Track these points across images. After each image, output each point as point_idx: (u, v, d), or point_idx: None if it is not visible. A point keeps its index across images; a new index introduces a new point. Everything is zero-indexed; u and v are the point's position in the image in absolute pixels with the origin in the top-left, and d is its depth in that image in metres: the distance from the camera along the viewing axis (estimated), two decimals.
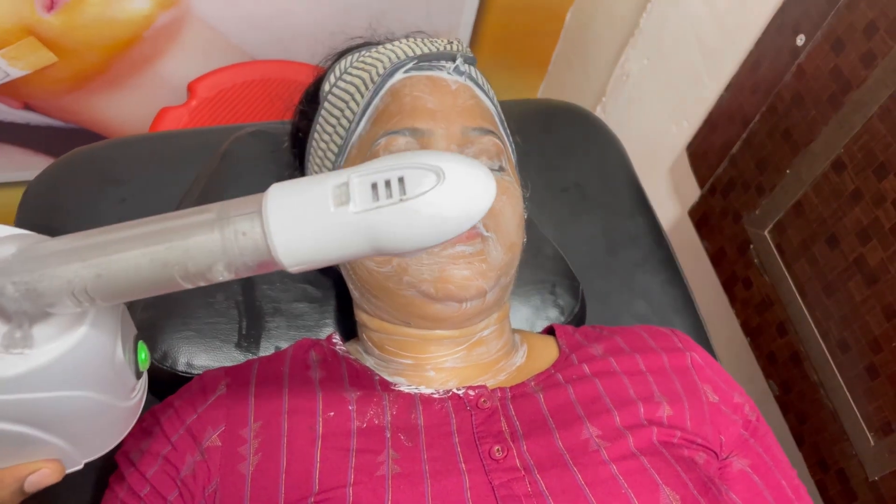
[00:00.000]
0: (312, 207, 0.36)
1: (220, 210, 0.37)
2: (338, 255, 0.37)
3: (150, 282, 0.37)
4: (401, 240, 0.36)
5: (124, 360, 0.43)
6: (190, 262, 0.36)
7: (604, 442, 0.61)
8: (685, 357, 0.71)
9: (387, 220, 0.35)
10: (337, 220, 0.35)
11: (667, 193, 1.27)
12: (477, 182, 0.36)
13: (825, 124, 0.84)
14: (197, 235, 0.36)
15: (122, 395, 0.45)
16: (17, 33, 1.18)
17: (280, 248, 0.35)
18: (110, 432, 0.47)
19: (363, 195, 0.35)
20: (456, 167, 0.35)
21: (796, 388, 0.92)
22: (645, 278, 0.96)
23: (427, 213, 0.35)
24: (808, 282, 0.87)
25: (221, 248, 0.36)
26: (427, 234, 0.36)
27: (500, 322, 0.70)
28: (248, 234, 0.36)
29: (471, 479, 0.58)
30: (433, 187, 0.35)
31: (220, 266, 0.36)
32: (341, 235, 0.36)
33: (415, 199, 0.35)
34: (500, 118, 0.74)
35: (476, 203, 0.36)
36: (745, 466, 0.68)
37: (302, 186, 0.36)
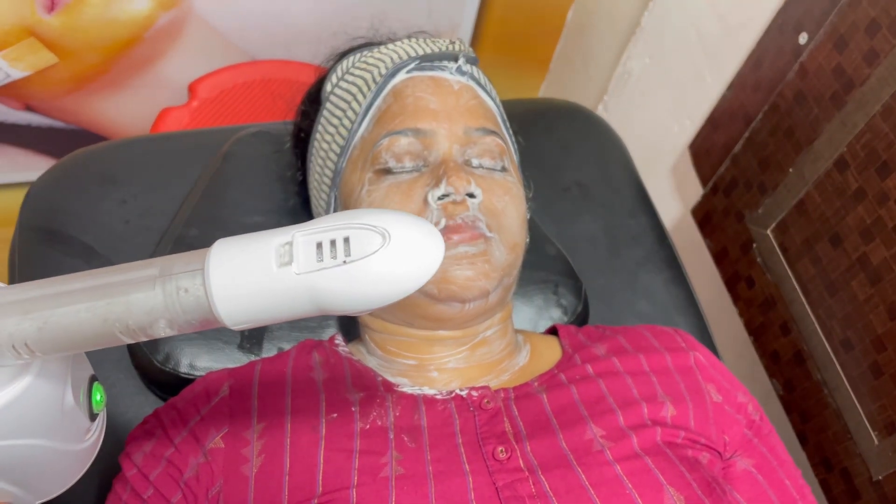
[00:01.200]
0: (255, 267, 0.35)
1: (162, 266, 0.36)
2: (280, 314, 0.36)
3: (91, 336, 0.36)
4: (344, 302, 0.35)
5: (75, 405, 0.42)
6: (131, 319, 0.36)
7: (608, 442, 0.60)
8: (689, 357, 0.71)
9: (330, 281, 0.35)
10: (279, 281, 0.35)
11: (669, 192, 1.27)
12: (423, 245, 0.35)
13: (828, 123, 0.84)
14: (139, 292, 0.35)
15: (74, 439, 0.44)
16: (18, 34, 1.18)
17: (221, 308, 0.35)
18: (63, 475, 0.46)
19: (307, 256, 0.35)
20: (402, 229, 0.35)
21: (799, 386, 0.92)
22: (647, 277, 0.96)
23: (371, 275, 0.34)
24: (811, 281, 0.87)
25: (163, 305, 0.35)
26: (371, 296, 0.35)
27: (503, 322, 0.70)
28: (190, 291, 0.35)
29: (474, 481, 0.58)
30: (378, 249, 0.34)
31: (161, 323, 0.36)
32: (283, 296, 0.35)
33: (359, 262, 0.34)
34: (502, 118, 0.74)
35: (422, 266, 0.35)
36: (749, 466, 0.68)
37: (246, 244, 0.36)
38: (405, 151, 0.65)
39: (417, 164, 0.65)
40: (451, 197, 0.62)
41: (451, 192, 0.62)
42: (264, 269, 0.35)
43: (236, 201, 0.84)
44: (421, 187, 0.63)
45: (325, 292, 0.35)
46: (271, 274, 0.35)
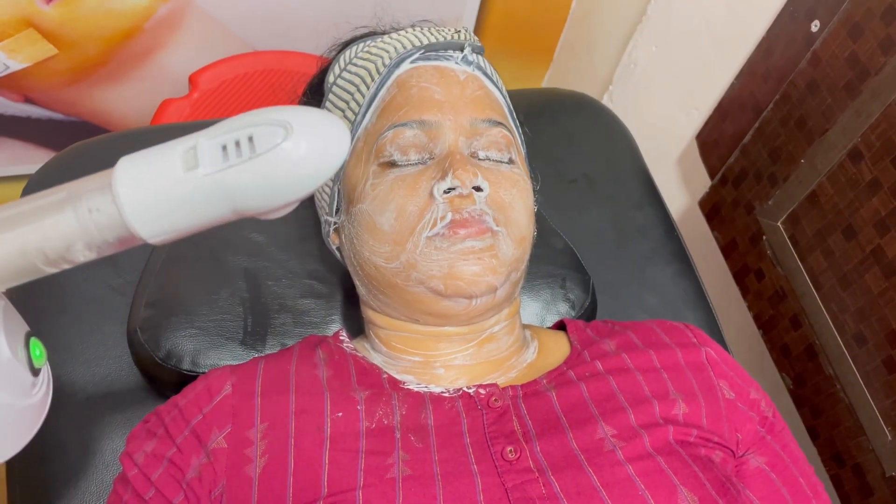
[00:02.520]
0: (162, 175, 0.35)
1: (70, 188, 0.36)
2: (196, 220, 0.36)
3: (12, 269, 0.36)
4: (257, 197, 0.35)
5: (11, 356, 0.42)
6: (47, 246, 0.35)
7: (619, 442, 0.59)
8: (700, 353, 0.70)
9: (239, 179, 0.34)
10: (189, 185, 0.35)
11: (676, 184, 1.26)
12: (326, 130, 0.36)
13: (841, 112, 0.82)
14: (50, 217, 0.35)
15: (19, 393, 0.43)
16: (17, 25, 1.17)
17: (135, 221, 0.35)
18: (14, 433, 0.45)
19: (213, 157, 0.35)
20: (304, 120, 0.35)
21: (811, 381, 0.90)
22: (655, 270, 0.95)
23: (279, 167, 0.34)
24: (823, 274, 0.86)
25: (78, 228, 0.35)
26: (282, 188, 0.35)
27: (511, 318, 0.69)
28: (102, 209, 0.35)
29: (483, 482, 0.56)
30: (282, 141, 0.34)
31: (79, 246, 0.35)
32: (195, 200, 0.35)
33: (265, 155, 0.34)
34: (509, 109, 0.72)
35: (328, 152, 0.35)
36: (762, 464, 0.67)
37: (150, 156, 0.36)
38: (410, 144, 0.63)
39: (423, 157, 0.64)
40: (458, 190, 0.61)
41: (457, 185, 0.60)
42: (171, 175, 0.35)
43: None
44: (426, 181, 0.62)
45: (235, 190, 0.35)
46: (179, 179, 0.35)
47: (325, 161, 0.35)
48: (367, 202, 0.64)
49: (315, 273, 0.80)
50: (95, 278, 0.79)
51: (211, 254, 0.78)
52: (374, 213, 0.63)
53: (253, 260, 0.79)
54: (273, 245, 0.80)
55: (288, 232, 0.81)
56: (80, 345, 0.76)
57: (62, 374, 0.75)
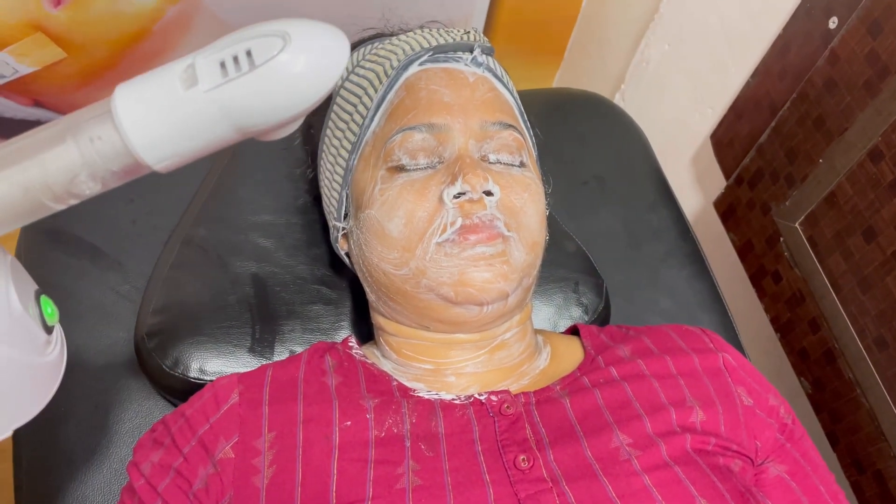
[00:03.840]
0: (162, 96, 0.34)
1: (69, 119, 0.35)
2: (200, 141, 0.35)
3: (17, 209, 0.35)
4: (257, 112, 0.34)
5: (24, 311, 0.41)
6: (50, 179, 0.34)
7: (635, 450, 0.58)
8: (717, 358, 0.68)
9: (240, 92, 0.34)
10: (189, 103, 0.34)
11: (690, 184, 1.24)
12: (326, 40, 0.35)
13: (861, 111, 0.80)
14: (51, 149, 0.34)
15: (33, 350, 0.43)
16: (25, 29, 1.16)
17: (138, 144, 0.34)
18: (31, 392, 0.44)
19: (212, 73, 0.34)
20: (302, 29, 0.34)
21: (830, 386, 0.88)
22: (670, 273, 0.93)
23: (279, 78, 0.34)
24: (843, 276, 0.84)
25: (80, 159, 0.34)
26: (283, 101, 0.34)
27: (523, 324, 0.68)
28: (103, 137, 0.34)
29: (495, 492, 0.55)
30: (280, 51, 0.34)
31: (83, 177, 0.35)
32: (197, 118, 0.34)
33: (263, 66, 0.33)
34: (520, 111, 0.71)
35: (328, 61, 0.34)
36: (781, 472, 0.65)
37: (148, 80, 0.35)
38: (419, 148, 0.62)
39: (432, 161, 0.62)
40: (468, 195, 0.59)
41: (467, 189, 0.59)
42: (171, 95, 0.34)
43: (245, 199, 0.81)
44: (436, 185, 0.61)
45: (237, 104, 0.34)
46: (180, 98, 0.34)
47: (325, 70, 0.34)
48: (375, 207, 0.62)
49: (324, 279, 0.79)
50: (103, 284, 0.78)
51: (218, 259, 0.77)
52: (382, 219, 0.62)
53: (261, 266, 0.78)
54: (281, 250, 0.79)
55: (296, 237, 0.80)
56: (88, 352, 0.76)
57: (69, 381, 0.74)
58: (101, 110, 0.34)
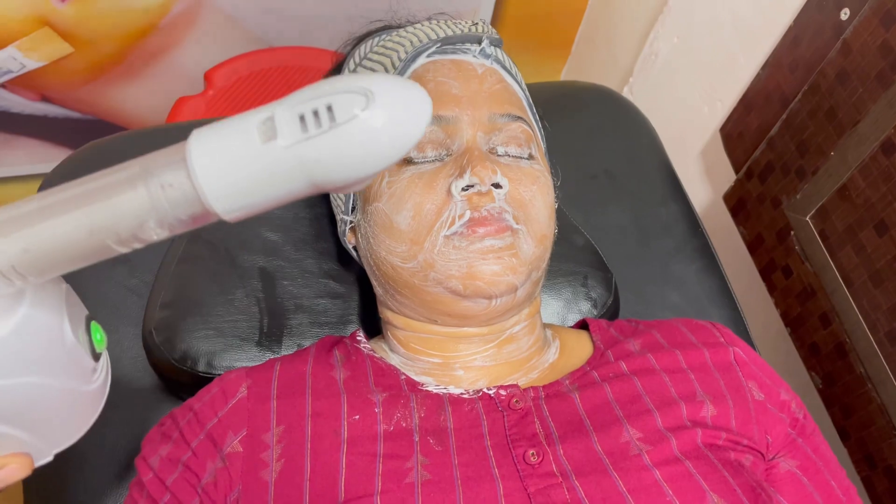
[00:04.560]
0: (238, 148, 0.33)
1: (142, 163, 0.34)
2: (274, 195, 0.34)
3: (81, 250, 0.34)
4: (337, 169, 0.33)
5: (75, 340, 0.41)
6: (119, 224, 0.33)
7: (645, 445, 0.57)
8: (728, 352, 0.67)
9: (319, 150, 0.33)
10: (267, 158, 0.33)
11: (699, 178, 1.23)
12: (410, 100, 0.33)
13: (873, 103, 0.79)
14: (122, 194, 0.33)
15: (81, 378, 0.42)
16: (32, 24, 1.17)
17: (211, 195, 0.33)
18: (76, 419, 0.44)
19: (291, 128, 0.33)
20: (385, 86, 0.33)
21: (841, 380, 0.88)
22: (679, 267, 0.93)
23: (360, 137, 0.32)
24: (854, 270, 0.83)
25: (150, 205, 0.33)
26: (364, 159, 0.33)
27: (531, 317, 0.67)
28: (175, 185, 0.33)
29: (505, 486, 0.55)
30: (363, 110, 0.32)
31: (151, 223, 0.34)
32: (274, 173, 0.33)
33: (345, 125, 0.32)
34: (528, 103, 0.70)
35: (411, 122, 0.33)
36: (793, 468, 0.65)
37: (225, 128, 0.34)
38: (427, 140, 0.62)
39: (440, 154, 0.62)
40: (476, 188, 0.59)
41: (475, 182, 0.58)
42: (249, 147, 0.33)
43: None
44: (444, 178, 0.60)
45: (316, 162, 0.33)
46: (257, 151, 0.33)
47: (408, 129, 0.33)
48: (383, 200, 0.62)
49: (331, 272, 0.79)
50: (110, 279, 0.78)
51: (226, 253, 0.77)
52: (390, 212, 0.61)
53: (268, 259, 0.77)
54: (289, 244, 0.79)
55: (303, 231, 0.80)
56: None
57: None
58: (175, 157, 0.33)
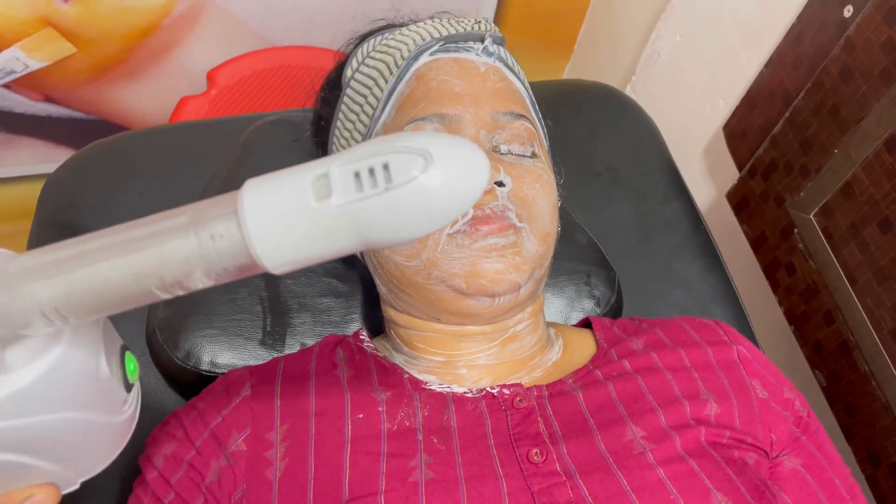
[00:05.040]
0: (291, 203, 0.32)
1: (194, 213, 0.33)
2: (324, 252, 0.34)
3: (125, 295, 0.34)
4: (391, 230, 0.33)
5: (110, 373, 0.41)
6: (165, 272, 0.33)
7: (649, 444, 0.57)
8: (731, 351, 0.67)
9: (374, 211, 0.32)
10: (320, 216, 0.32)
11: (702, 176, 1.23)
12: (469, 163, 0.33)
13: (877, 100, 0.79)
14: (171, 242, 0.33)
15: (112, 410, 0.42)
16: (35, 24, 1.17)
17: (261, 250, 0.32)
18: (105, 449, 0.44)
19: (346, 186, 0.32)
20: (445, 149, 0.32)
21: (845, 378, 0.88)
22: (682, 266, 0.92)
23: (417, 200, 0.32)
24: (858, 268, 0.83)
25: (198, 254, 0.33)
26: (419, 222, 0.33)
27: (535, 316, 0.67)
28: (225, 236, 0.32)
29: (508, 485, 0.55)
30: (421, 172, 0.32)
31: (198, 273, 0.33)
32: (326, 231, 0.33)
33: (402, 187, 0.32)
34: (531, 101, 0.70)
35: (470, 185, 0.33)
36: (797, 466, 0.65)
37: (278, 182, 0.33)
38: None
39: None
40: None
41: None
42: (302, 204, 0.32)
43: None
44: None
45: (370, 223, 0.32)
46: (310, 208, 0.32)
47: (466, 193, 0.33)
48: None
49: (334, 271, 0.79)
50: None
51: None
52: None
53: None
54: None
55: None
56: None
57: None
58: (227, 208, 0.33)
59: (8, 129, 1.30)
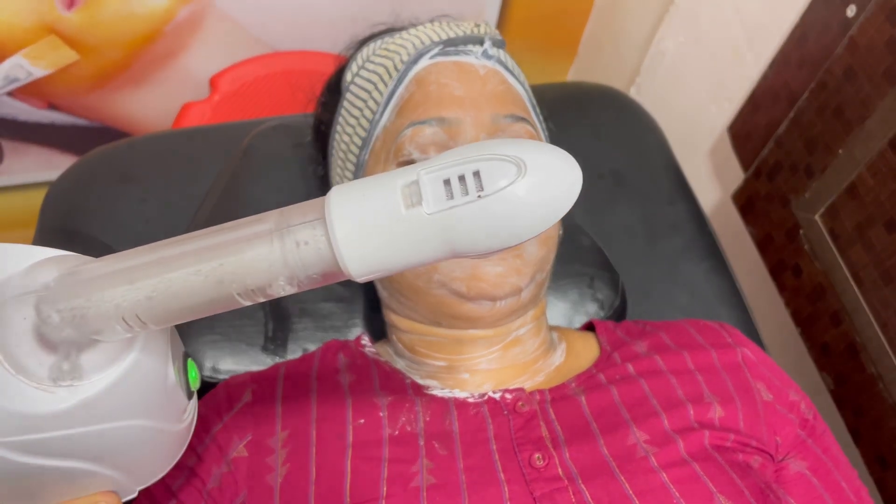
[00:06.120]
0: (380, 211, 0.32)
1: (278, 219, 0.33)
2: (409, 260, 0.33)
3: (206, 301, 0.34)
4: (481, 239, 0.32)
5: (176, 382, 0.41)
6: (249, 278, 0.33)
7: (652, 447, 0.57)
8: (736, 353, 0.67)
9: (464, 219, 0.31)
10: (409, 225, 0.32)
11: (707, 177, 1.22)
12: (562, 170, 0.32)
13: (881, 100, 0.78)
14: (254, 249, 0.32)
15: (175, 419, 0.42)
16: (38, 32, 1.17)
17: (348, 258, 0.32)
18: (164, 458, 0.45)
19: (436, 194, 0.32)
20: (539, 157, 0.32)
21: (852, 380, 0.87)
22: (687, 268, 0.92)
23: (510, 209, 0.31)
24: (865, 268, 0.82)
25: (282, 261, 0.32)
26: (510, 231, 0.32)
27: (537, 319, 0.67)
28: (311, 243, 0.32)
29: (510, 490, 0.54)
30: (514, 181, 0.31)
31: (281, 280, 0.33)
32: (415, 240, 0.32)
33: (495, 195, 0.31)
34: (532, 104, 0.70)
35: (563, 194, 0.32)
36: (803, 469, 0.64)
37: (366, 188, 0.33)
38: (430, 142, 0.61)
39: None
40: None
41: None
42: (391, 212, 0.32)
43: (257, 197, 0.81)
44: None
45: (460, 231, 0.32)
46: (400, 217, 0.32)
47: (559, 203, 0.32)
48: None
49: None
50: None
51: None
52: None
53: None
54: None
55: None
56: None
57: None
58: (313, 215, 0.33)
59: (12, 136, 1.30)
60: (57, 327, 0.34)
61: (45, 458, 0.37)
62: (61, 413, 0.36)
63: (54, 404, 0.35)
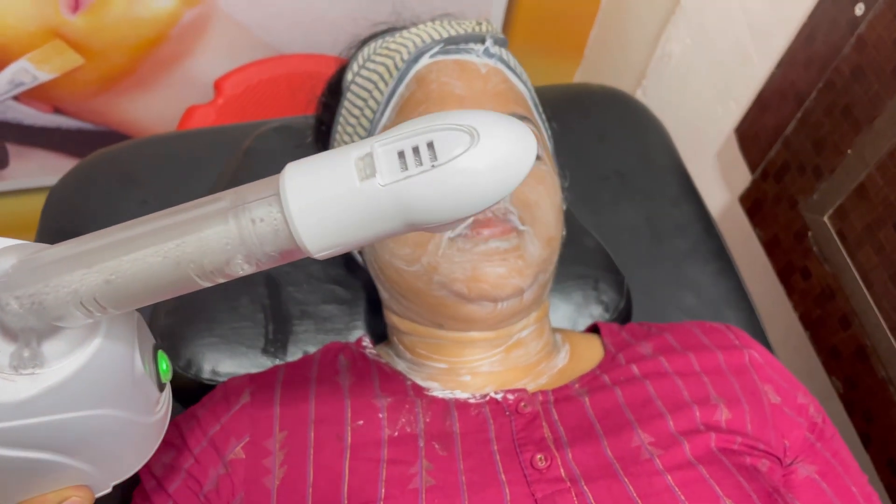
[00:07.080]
0: (335, 184, 0.31)
1: (233, 197, 0.33)
2: (368, 234, 0.33)
3: (165, 283, 0.33)
4: (437, 210, 0.32)
5: (144, 372, 0.40)
6: (205, 258, 0.32)
7: (657, 450, 0.56)
8: (743, 355, 0.66)
9: (419, 189, 0.31)
10: (364, 197, 0.31)
11: (714, 179, 1.21)
12: (516, 139, 0.32)
13: (890, 99, 0.77)
14: (210, 227, 0.32)
15: (146, 411, 0.42)
16: (43, 36, 1.17)
17: (304, 233, 0.32)
18: (137, 451, 0.44)
19: (390, 165, 0.31)
20: (491, 126, 0.31)
21: (862, 384, 0.85)
22: (693, 270, 0.91)
23: (463, 177, 0.31)
24: (874, 270, 0.81)
25: (239, 239, 0.32)
26: (465, 200, 0.32)
27: (540, 321, 0.66)
28: (266, 220, 0.32)
29: (511, 492, 0.53)
30: (467, 149, 0.31)
31: (238, 259, 0.32)
32: (370, 212, 0.32)
33: (448, 164, 0.31)
34: (534, 103, 0.69)
35: (517, 162, 0.32)
36: (811, 473, 0.63)
37: (320, 163, 0.32)
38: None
39: None
40: None
41: None
42: (346, 185, 0.31)
43: None
44: None
45: (415, 202, 0.31)
46: (354, 189, 0.31)
47: (512, 171, 0.32)
48: None
49: (337, 278, 0.78)
50: None
51: None
52: None
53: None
54: None
55: None
56: None
57: None
58: (267, 191, 0.32)
59: (18, 140, 1.30)
60: (16, 314, 0.33)
61: (8, 448, 0.36)
62: (24, 402, 0.35)
63: (16, 393, 0.35)
